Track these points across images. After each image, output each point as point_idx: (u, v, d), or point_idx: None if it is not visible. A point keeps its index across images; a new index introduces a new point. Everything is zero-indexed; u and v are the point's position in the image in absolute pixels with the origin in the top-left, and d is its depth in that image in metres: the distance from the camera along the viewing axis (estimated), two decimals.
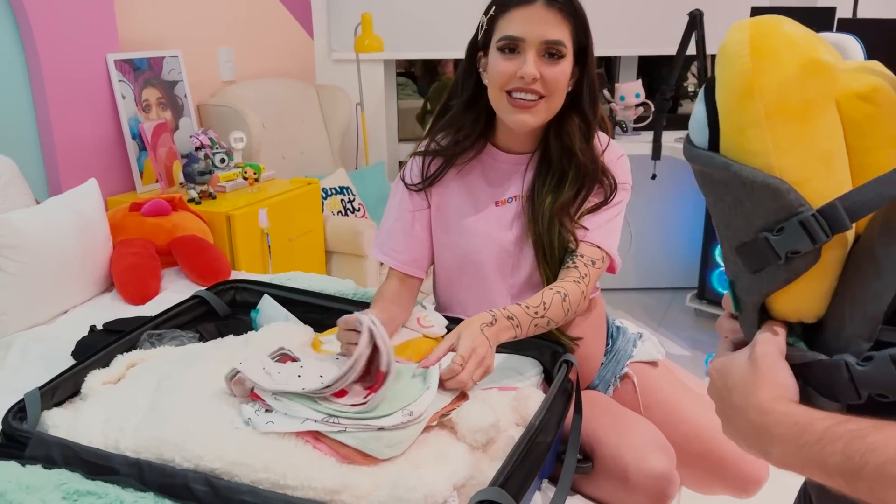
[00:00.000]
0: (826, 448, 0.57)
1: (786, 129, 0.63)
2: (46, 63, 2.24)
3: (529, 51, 1.25)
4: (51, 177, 2.35)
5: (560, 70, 1.26)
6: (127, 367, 1.27)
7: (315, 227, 2.77)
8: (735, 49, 0.64)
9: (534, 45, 1.25)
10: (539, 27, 1.24)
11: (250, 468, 0.93)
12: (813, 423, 0.59)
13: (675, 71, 3.09)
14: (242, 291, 1.54)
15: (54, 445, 1.03)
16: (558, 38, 1.25)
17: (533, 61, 1.24)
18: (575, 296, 1.26)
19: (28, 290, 1.80)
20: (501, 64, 1.27)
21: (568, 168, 1.33)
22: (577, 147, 1.31)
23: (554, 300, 1.24)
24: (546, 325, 1.24)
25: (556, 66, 1.26)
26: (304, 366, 1.07)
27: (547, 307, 1.23)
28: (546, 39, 1.24)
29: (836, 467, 0.56)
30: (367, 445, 0.94)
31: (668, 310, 3.45)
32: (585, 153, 1.33)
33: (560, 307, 1.24)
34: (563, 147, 1.33)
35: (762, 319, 0.70)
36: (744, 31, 0.65)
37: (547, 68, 1.25)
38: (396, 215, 1.42)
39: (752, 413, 0.64)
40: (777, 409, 0.63)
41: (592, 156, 1.34)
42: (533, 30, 1.24)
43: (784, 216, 0.63)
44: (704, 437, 1.34)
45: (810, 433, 0.59)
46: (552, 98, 1.28)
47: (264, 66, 3.27)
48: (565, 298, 1.25)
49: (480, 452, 1.01)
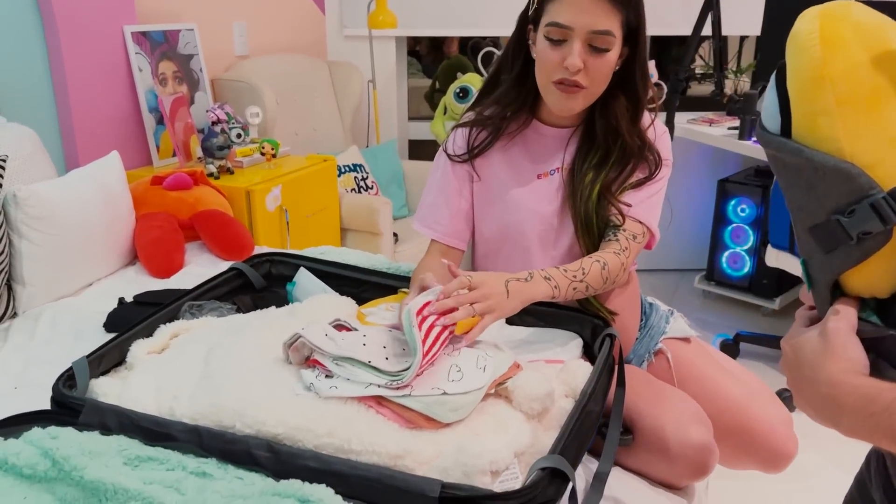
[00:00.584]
0: (893, 416, 0.59)
1: (856, 116, 0.64)
2: (64, 34, 2.22)
3: (576, 40, 1.23)
4: (68, 149, 2.34)
5: (605, 61, 1.25)
6: (170, 336, 1.27)
7: (331, 204, 2.77)
8: (805, 38, 0.66)
9: (581, 34, 1.23)
10: (588, 16, 1.22)
11: (314, 433, 0.94)
12: (881, 393, 0.61)
13: (689, 52, 3.09)
14: (278, 265, 1.55)
15: (109, 412, 1.04)
16: (607, 27, 1.23)
17: (578, 52, 1.23)
18: (615, 266, 1.27)
19: (55, 262, 1.80)
20: (548, 52, 1.27)
21: (613, 147, 1.33)
22: (623, 128, 1.31)
23: (593, 268, 1.25)
24: (585, 290, 1.24)
25: (601, 57, 1.24)
26: (368, 335, 1.08)
27: (586, 272, 1.23)
28: (593, 29, 1.23)
29: None
30: (431, 409, 0.95)
31: (676, 291, 3.48)
32: (632, 134, 1.32)
33: (599, 275, 1.25)
34: (608, 126, 1.33)
35: (835, 296, 0.72)
36: (813, 19, 0.66)
37: (592, 59, 1.24)
38: (439, 187, 1.42)
39: (823, 386, 0.66)
40: (846, 381, 0.65)
41: (639, 136, 1.34)
42: (581, 19, 1.22)
43: (855, 199, 0.65)
44: (737, 412, 1.35)
45: (878, 403, 0.61)
46: (594, 87, 1.28)
47: (276, 41, 3.25)
48: (605, 267, 1.26)
49: (535, 422, 1.02)
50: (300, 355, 1.06)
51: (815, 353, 0.68)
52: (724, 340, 2.89)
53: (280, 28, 3.27)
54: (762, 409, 1.35)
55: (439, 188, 1.42)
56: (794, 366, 0.71)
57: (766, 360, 2.81)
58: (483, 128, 1.39)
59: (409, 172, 3.39)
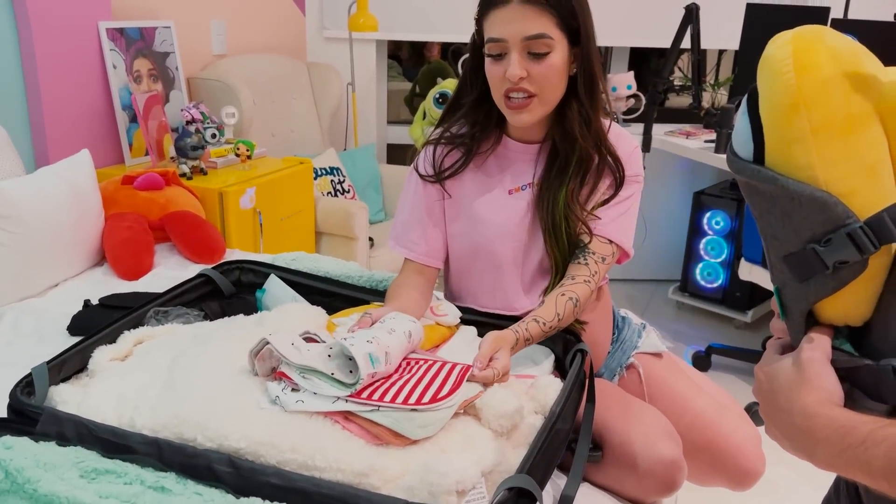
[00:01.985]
0: (869, 451, 0.59)
1: (831, 144, 0.64)
2: (38, 29, 2.17)
3: (513, 51, 1.23)
4: (37, 146, 2.28)
5: (547, 65, 1.24)
6: (134, 343, 1.25)
7: (306, 207, 2.74)
8: (779, 64, 0.65)
9: (516, 43, 1.23)
10: (518, 25, 1.22)
11: (277, 449, 0.92)
12: (857, 426, 0.61)
13: (669, 64, 3.11)
14: (248, 272, 1.52)
15: (67, 422, 1.01)
16: (539, 31, 1.22)
17: (517, 61, 1.23)
18: (584, 297, 1.29)
19: (20, 262, 1.76)
20: (491, 69, 1.27)
21: (571, 154, 1.32)
22: (576, 132, 1.30)
23: (566, 308, 1.26)
24: (558, 328, 1.27)
25: (542, 62, 1.24)
26: (334, 347, 1.06)
27: (561, 318, 1.25)
28: (526, 35, 1.22)
29: (880, 470, 0.58)
30: (399, 425, 0.93)
31: (650, 301, 3.50)
32: (586, 138, 1.31)
33: (572, 313, 1.28)
34: (564, 132, 1.32)
35: (809, 325, 0.72)
36: (786, 45, 0.65)
37: (533, 65, 1.24)
38: (412, 207, 1.42)
39: (797, 416, 0.65)
40: (822, 413, 0.64)
41: (595, 141, 1.32)
42: (512, 28, 1.22)
43: (832, 228, 0.64)
44: (706, 429, 1.36)
45: (854, 436, 0.60)
46: (544, 93, 1.27)
47: (255, 41, 3.22)
48: (577, 304, 1.28)
49: (504, 439, 1.01)
50: (266, 366, 1.04)
51: (789, 383, 0.68)
52: (697, 352, 2.91)
53: (259, 28, 3.24)
54: (731, 426, 1.35)
55: (412, 207, 1.42)
56: (768, 394, 0.71)
57: (737, 373, 2.83)
58: (454, 147, 1.38)
59: (387, 176, 3.37)
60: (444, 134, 1.40)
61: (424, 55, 5.25)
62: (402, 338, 1.09)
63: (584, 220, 1.32)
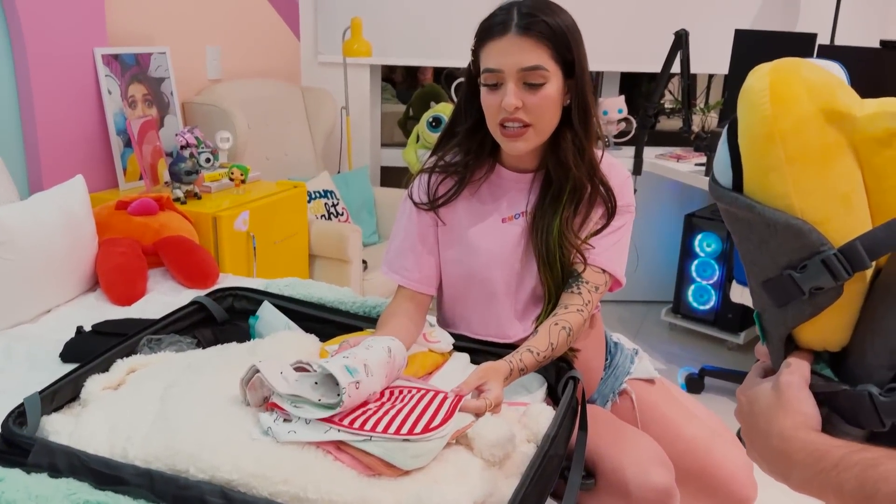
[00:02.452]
0: (842, 475, 0.60)
1: (806, 173, 0.66)
2: (33, 54, 2.19)
3: (509, 81, 1.25)
4: (32, 171, 2.29)
5: (542, 96, 1.26)
6: (127, 372, 1.25)
7: (300, 230, 2.75)
8: (756, 95, 0.67)
9: (512, 74, 1.25)
10: (514, 56, 1.24)
11: (269, 480, 0.92)
12: (830, 450, 0.62)
13: (659, 88, 3.15)
14: (241, 299, 1.53)
15: (59, 453, 1.01)
16: (535, 63, 1.24)
17: (513, 91, 1.25)
18: (577, 326, 1.31)
19: (13, 288, 1.76)
20: (487, 99, 1.29)
21: (564, 183, 1.34)
22: (570, 161, 1.32)
23: (560, 338, 1.27)
24: (551, 357, 1.28)
25: (537, 93, 1.26)
26: (321, 377, 1.06)
27: (554, 347, 1.27)
28: (522, 67, 1.24)
29: (851, 493, 0.59)
30: (392, 455, 0.94)
31: (643, 323, 3.51)
32: (580, 168, 1.33)
33: (565, 343, 1.29)
34: (558, 162, 1.34)
35: (789, 349, 0.73)
36: (764, 76, 0.67)
37: (529, 96, 1.26)
38: (405, 233, 1.43)
39: (775, 439, 0.67)
40: (798, 437, 0.66)
41: (588, 171, 1.34)
42: (509, 60, 1.25)
43: (807, 255, 0.66)
44: (699, 455, 1.36)
45: (827, 460, 0.62)
46: (539, 123, 1.29)
47: (250, 65, 3.24)
48: (570, 333, 1.29)
49: (496, 469, 1.02)
50: (258, 396, 1.05)
51: (768, 407, 0.69)
52: (690, 374, 2.91)
53: (254, 53, 3.27)
54: (724, 453, 1.36)
55: (406, 234, 1.43)
56: (749, 417, 0.72)
57: (730, 395, 2.83)
58: (447, 175, 1.40)
59: (381, 199, 3.38)
60: (437, 162, 1.42)
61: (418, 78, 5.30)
62: (380, 352, 1.10)
63: (579, 248, 1.34)
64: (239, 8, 3.14)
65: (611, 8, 3.42)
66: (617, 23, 3.43)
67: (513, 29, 1.24)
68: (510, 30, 1.24)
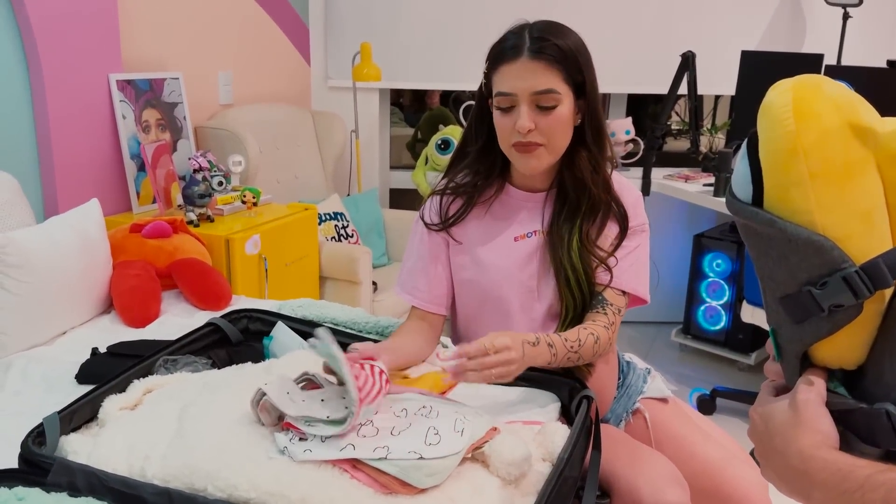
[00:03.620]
0: (867, 495, 0.60)
1: (828, 190, 0.66)
2: (49, 80, 2.23)
3: (522, 104, 1.28)
4: (47, 195, 2.32)
5: (554, 118, 1.29)
6: (143, 392, 1.26)
7: (311, 252, 2.77)
8: (778, 111, 0.67)
9: (525, 98, 1.27)
10: (527, 80, 1.27)
11: (287, 499, 0.93)
12: (854, 470, 0.62)
13: (666, 109, 3.17)
14: (255, 321, 1.54)
15: (79, 472, 1.02)
16: (547, 87, 1.27)
17: (526, 114, 1.27)
18: (604, 341, 1.32)
19: (29, 310, 1.77)
20: (500, 121, 1.32)
21: (582, 198, 1.37)
22: (587, 178, 1.35)
23: (588, 340, 1.29)
24: (577, 360, 1.28)
25: (550, 115, 1.28)
26: (327, 391, 1.07)
27: (581, 344, 1.27)
28: (534, 91, 1.27)
29: None
30: (407, 474, 0.94)
31: (653, 344, 3.50)
32: (597, 184, 1.36)
33: (591, 348, 1.30)
34: (574, 179, 1.37)
35: (804, 367, 0.73)
36: (786, 92, 0.67)
37: (541, 118, 1.28)
38: (417, 255, 1.45)
39: (794, 458, 0.66)
40: (819, 456, 0.65)
41: (605, 186, 1.37)
42: (521, 84, 1.27)
43: (828, 271, 0.66)
44: (713, 475, 1.36)
45: (852, 480, 0.61)
46: (551, 143, 1.31)
47: (261, 90, 3.29)
48: (597, 341, 1.30)
49: (512, 487, 1.02)
50: (271, 417, 1.06)
51: (785, 425, 0.68)
52: (702, 395, 2.90)
53: (265, 78, 3.31)
54: (739, 472, 1.35)
55: (418, 255, 1.45)
56: (764, 435, 0.71)
57: (743, 416, 2.82)
58: (456, 196, 1.42)
59: (390, 221, 3.41)
60: (448, 184, 1.44)
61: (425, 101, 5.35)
62: None
63: (603, 259, 1.36)
64: (250, 34, 3.20)
65: (618, 30, 3.46)
66: (624, 45, 3.47)
67: (525, 53, 1.26)
68: (522, 54, 1.26)
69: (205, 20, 2.94)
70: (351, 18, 3.50)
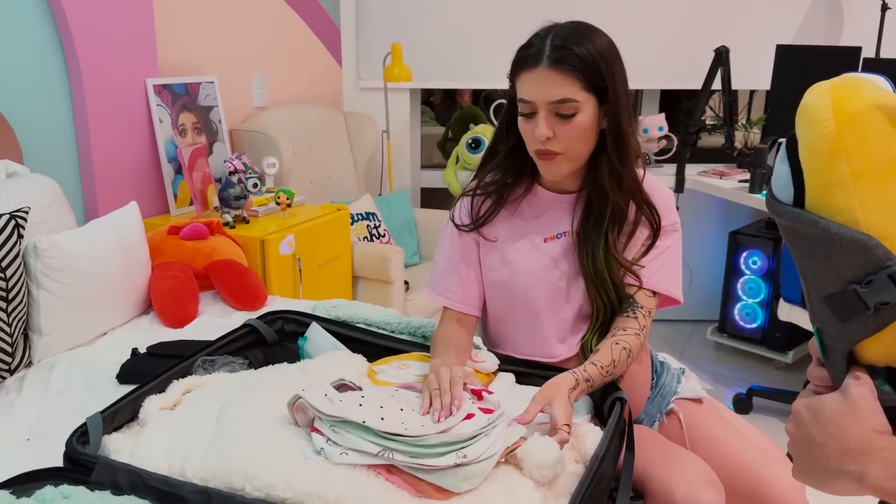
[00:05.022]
0: None
1: (871, 188, 0.65)
2: (89, 86, 2.29)
3: (541, 111, 1.27)
4: (87, 198, 2.38)
5: (573, 126, 1.27)
6: (183, 392, 1.28)
7: (343, 252, 2.79)
8: (818, 112, 0.67)
9: (543, 106, 1.27)
10: (545, 89, 1.26)
11: (322, 499, 0.94)
12: None
13: (700, 105, 3.13)
14: (290, 322, 1.57)
15: (121, 471, 1.05)
16: (565, 96, 1.25)
17: (544, 122, 1.27)
18: (636, 348, 1.33)
19: (71, 312, 1.82)
20: (523, 126, 1.32)
21: (604, 207, 1.36)
22: (607, 186, 1.34)
23: (621, 357, 1.30)
24: (612, 377, 1.30)
25: (568, 123, 1.27)
26: (365, 395, 1.08)
27: (616, 364, 1.29)
28: (552, 100, 1.26)
29: None
30: (442, 479, 0.95)
31: (688, 342, 3.46)
32: (616, 192, 1.34)
33: (625, 363, 1.31)
34: (596, 186, 1.36)
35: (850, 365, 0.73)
36: (825, 94, 0.67)
37: (560, 126, 1.28)
38: (448, 256, 1.45)
39: (853, 441, 0.66)
40: (882, 437, 0.65)
41: (630, 192, 1.36)
42: (540, 92, 1.26)
43: (873, 270, 0.65)
44: (749, 476, 1.34)
45: None
46: (570, 151, 1.30)
47: (294, 92, 3.33)
48: (630, 354, 1.31)
49: (546, 489, 1.02)
50: (306, 417, 1.07)
51: (839, 414, 0.68)
52: (738, 395, 2.86)
53: (298, 80, 3.35)
54: (775, 473, 1.34)
55: (449, 256, 1.45)
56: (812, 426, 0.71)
57: (779, 415, 2.78)
58: (486, 196, 1.42)
59: (421, 220, 3.42)
60: (479, 184, 1.44)
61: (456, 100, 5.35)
62: None
63: (630, 269, 1.35)
64: (283, 37, 3.23)
65: (650, 26, 3.43)
66: (656, 41, 3.43)
67: (544, 62, 1.25)
68: (541, 62, 1.25)
69: (238, 24, 2.99)
70: (381, 19, 3.52)
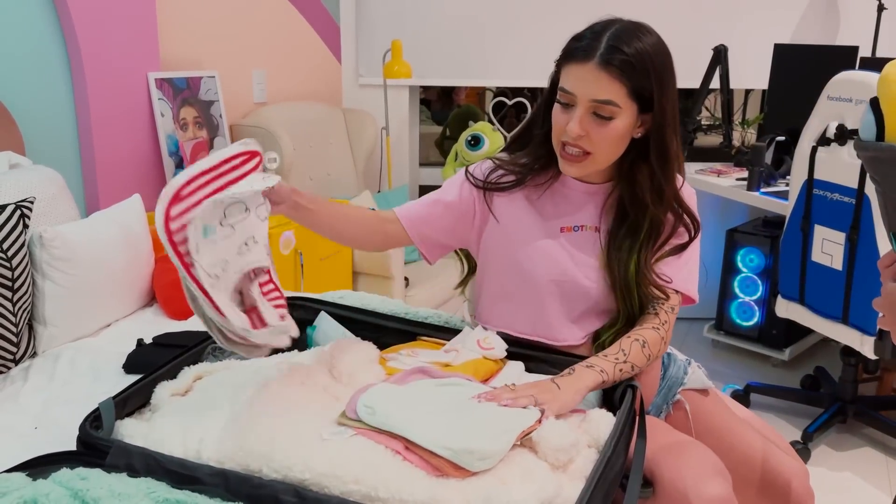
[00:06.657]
0: None
1: None
2: (91, 80, 2.29)
3: (580, 107, 1.25)
4: (89, 191, 2.38)
5: (608, 130, 1.25)
6: (194, 379, 1.29)
7: (344, 247, 2.80)
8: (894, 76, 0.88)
9: (584, 102, 1.25)
10: (590, 86, 1.24)
11: (340, 480, 0.95)
12: None
13: (698, 104, 3.16)
14: (299, 308, 1.56)
15: (136, 454, 1.05)
16: (608, 97, 1.23)
17: (580, 119, 1.25)
18: (654, 342, 1.31)
19: (76, 303, 1.82)
20: (557, 115, 1.29)
21: (642, 219, 1.34)
22: (648, 200, 1.31)
23: (633, 347, 1.28)
24: (630, 370, 1.27)
25: (604, 126, 1.25)
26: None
27: (626, 354, 1.27)
28: (594, 99, 1.24)
29: None
30: (459, 458, 0.96)
31: (685, 340, 3.48)
32: (657, 205, 1.32)
33: (640, 353, 1.29)
34: (633, 196, 1.33)
35: None
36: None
37: (595, 127, 1.25)
38: (436, 196, 1.46)
39: None
40: None
41: (669, 207, 1.34)
42: (583, 88, 1.24)
43: None
44: (755, 465, 1.36)
45: None
46: (599, 154, 1.28)
47: (294, 88, 3.33)
48: (644, 345, 1.29)
49: (560, 472, 1.03)
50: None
51: None
52: (735, 391, 2.88)
53: (298, 76, 3.36)
54: (781, 461, 1.35)
55: (437, 195, 1.46)
56: None
57: (777, 412, 2.80)
58: (509, 172, 1.42)
59: None
60: (508, 160, 1.43)
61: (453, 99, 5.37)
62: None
63: (660, 286, 1.35)
64: (283, 33, 3.24)
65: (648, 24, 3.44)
66: None
67: (595, 58, 1.23)
68: (592, 59, 1.23)
69: (239, 19, 2.99)
70: (381, 16, 3.53)
